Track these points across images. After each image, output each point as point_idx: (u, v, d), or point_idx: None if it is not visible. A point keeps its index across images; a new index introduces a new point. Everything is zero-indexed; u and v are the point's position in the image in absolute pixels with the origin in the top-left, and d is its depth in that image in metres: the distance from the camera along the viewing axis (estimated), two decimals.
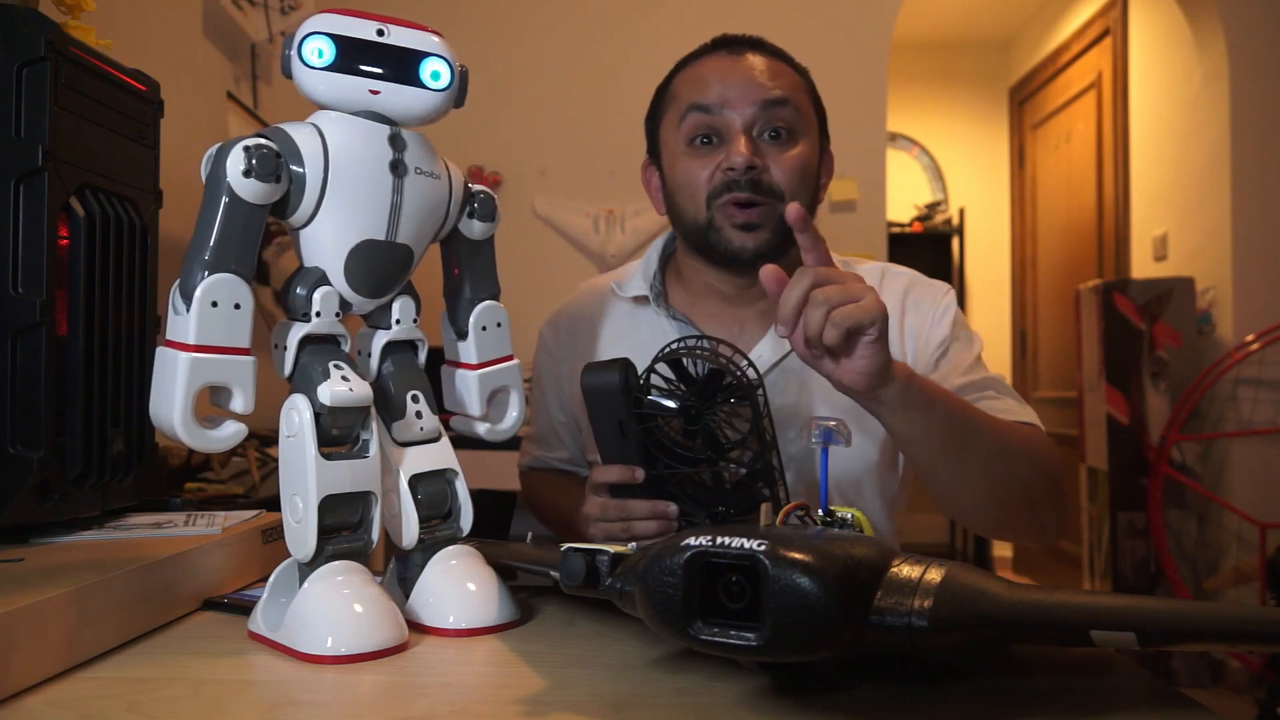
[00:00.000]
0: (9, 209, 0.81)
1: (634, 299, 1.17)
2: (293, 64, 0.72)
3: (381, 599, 0.72)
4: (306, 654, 0.69)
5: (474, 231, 0.83)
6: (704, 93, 1.06)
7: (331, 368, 0.73)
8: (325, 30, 0.71)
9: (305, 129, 0.72)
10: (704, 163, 1.06)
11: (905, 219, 5.20)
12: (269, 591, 0.75)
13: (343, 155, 0.72)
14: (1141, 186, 3.88)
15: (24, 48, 0.82)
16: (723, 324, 1.13)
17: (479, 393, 0.85)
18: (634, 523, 0.92)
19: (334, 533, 0.74)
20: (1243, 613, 0.53)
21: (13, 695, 0.60)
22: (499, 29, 3.42)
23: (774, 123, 1.05)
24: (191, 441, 0.69)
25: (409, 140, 0.75)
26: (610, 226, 3.41)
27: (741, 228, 1.06)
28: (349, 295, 0.75)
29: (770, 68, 1.08)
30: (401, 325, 0.80)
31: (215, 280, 0.68)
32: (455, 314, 0.85)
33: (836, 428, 0.73)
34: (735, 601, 0.56)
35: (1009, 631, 0.56)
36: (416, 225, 0.76)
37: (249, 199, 0.69)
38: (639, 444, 0.90)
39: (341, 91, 0.72)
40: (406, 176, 0.74)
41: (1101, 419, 3.28)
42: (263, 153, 0.69)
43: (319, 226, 0.73)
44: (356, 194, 0.73)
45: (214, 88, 2.40)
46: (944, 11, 4.88)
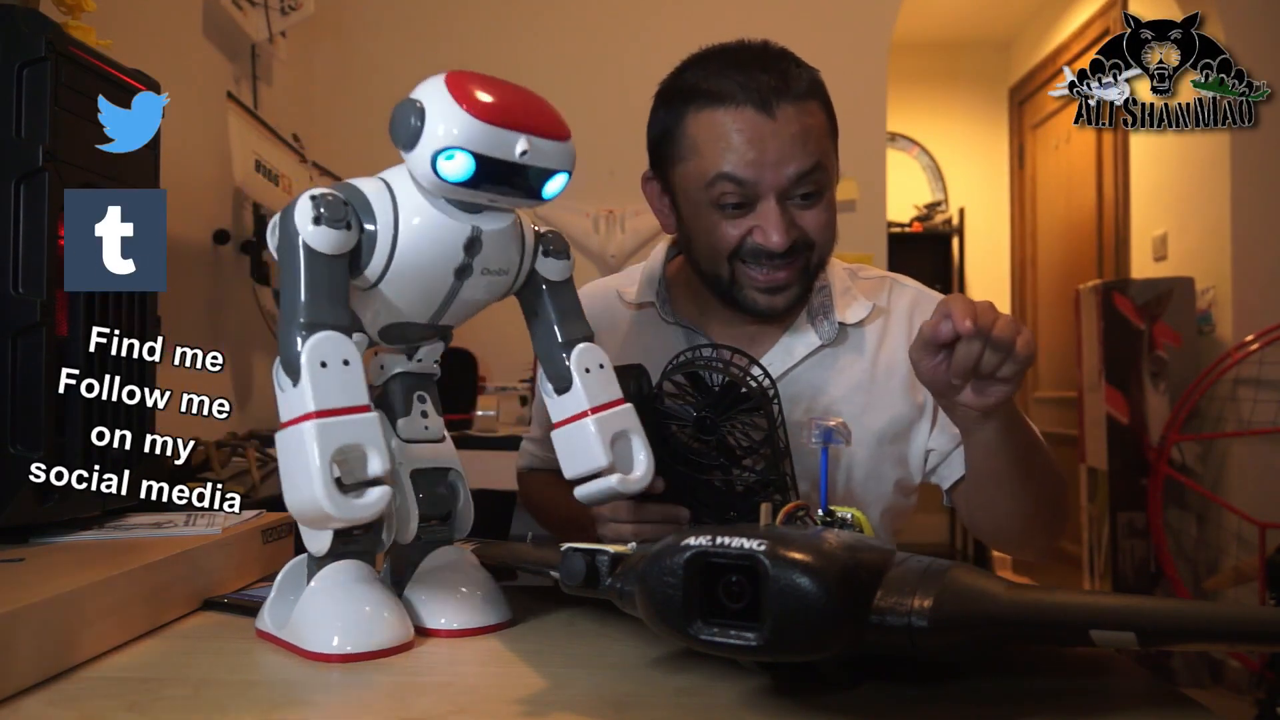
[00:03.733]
0: (9, 209, 0.81)
1: (640, 305, 1.17)
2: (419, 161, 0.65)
3: (388, 598, 0.72)
4: (312, 652, 0.69)
5: (552, 271, 0.77)
6: (734, 162, 1.00)
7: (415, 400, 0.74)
8: (468, 147, 0.64)
9: (375, 185, 0.68)
10: (732, 224, 1.03)
11: (905, 219, 5.19)
12: (277, 589, 0.75)
13: (412, 241, 0.67)
14: (1141, 186, 3.88)
15: (24, 48, 0.82)
16: (732, 334, 1.11)
17: (600, 439, 0.75)
18: (646, 526, 0.92)
19: (347, 532, 0.73)
20: (1242, 613, 0.53)
21: (13, 695, 0.60)
22: (499, 29, 3.42)
23: (805, 187, 1.02)
24: (339, 513, 0.62)
25: (488, 244, 0.69)
26: (610, 226, 3.41)
27: (769, 290, 1.05)
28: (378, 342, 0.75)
29: (802, 126, 1.01)
30: (423, 364, 0.79)
31: (318, 340, 0.63)
32: (551, 363, 0.78)
33: (837, 428, 0.73)
34: (735, 601, 0.56)
35: (1009, 631, 0.56)
36: (466, 312, 0.74)
37: (324, 250, 0.64)
38: None
39: (454, 194, 0.67)
40: (469, 278, 0.70)
41: (1101, 419, 3.28)
42: (329, 200, 0.65)
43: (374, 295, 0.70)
44: (412, 284, 0.69)
45: (214, 88, 2.40)
46: (944, 11, 4.88)
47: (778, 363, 1.08)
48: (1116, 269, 3.96)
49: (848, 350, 1.11)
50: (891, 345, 1.12)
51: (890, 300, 1.15)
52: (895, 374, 1.11)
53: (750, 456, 0.88)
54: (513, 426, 2.60)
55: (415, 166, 0.66)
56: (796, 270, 1.05)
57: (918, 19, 4.46)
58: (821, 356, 1.11)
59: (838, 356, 1.11)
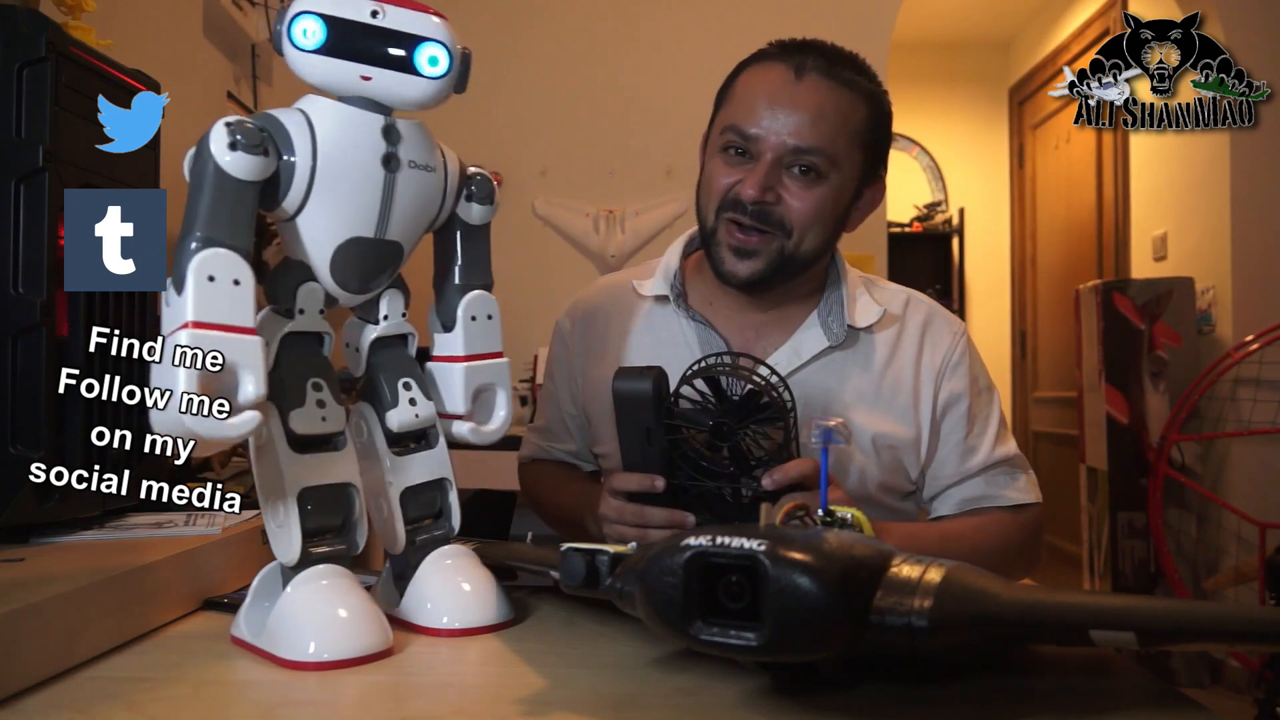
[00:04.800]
0: (9, 209, 0.81)
1: (655, 298, 1.17)
2: (283, 42, 0.67)
3: (366, 603, 0.71)
4: (288, 660, 0.67)
5: (472, 215, 0.78)
6: (746, 115, 1.04)
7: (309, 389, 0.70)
8: (316, 9, 0.67)
9: (293, 115, 0.68)
10: (729, 171, 1.06)
11: (905, 219, 5.19)
12: (252, 596, 0.74)
13: (332, 146, 0.68)
14: (1141, 186, 3.87)
15: (24, 48, 0.82)
16: (739, 327, 1.12)
17: (464, 388, 0.80)
18: (650, 530, 0.92)
19: (318, 536, 0.72)
20: (1242, 613, 0.53)
21: (13, 695, 0.60)
22: (499, 28, 3.42)
23: (803, 162, 1.03)
24: (200, 429, 0.61)
25: (404, 131, 0.71)
26: (610, 226, 3.41)
27: (736, 251, 1.05)
28: (334, 291, 0.72)
29: (821, 104, 1.03)
30: (390, 320, 0.77)
31: (209, 254, 0.63)
32: (444, 303, 0.81)
33: (837, 428, 0.73)
34: (735, 601, 0.56)
35: (1009, 631, 0.56)
36: (409, 221, 0.73)
37: (237, 174, 0.64)
38: (662, 453, 0.90)
39: (331, 76, 0.68)
40: (400, 171, 0.70)
41: (1101, 419, 3.27)
42: (246, 127, 0.65)
43: (307, 219, 0.69)
44: (345, 188, 0.69)
45: (214, 88, 2.40)
46: (944, 11, 4.88)
47: (785, 363, 1.08)
48: (1116, 269, 3.96)
49: (856, 356, 1.11)
50: (900, 361, 1.11)
51: (906, 312, 1.15)
52: (901, 390, 1.10)
53: (762, 467, 0.88)
54: (512, 427, 2.60)
55: (288, 61, 0.68)
56: (768, 245, 1.05)
57: (918, 19, 4.46)
58: (830, 360, 1.10)
59: (845, 362, 1.11)
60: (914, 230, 5.17)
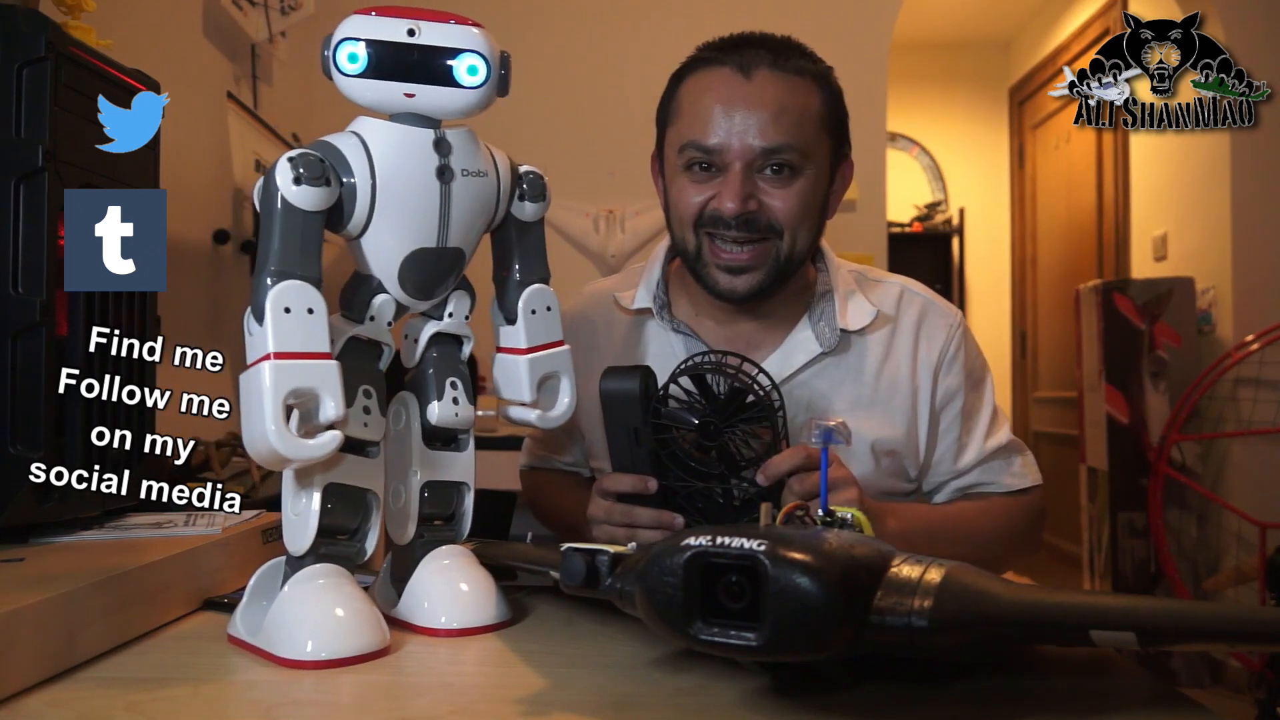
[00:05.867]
0: (9, 209, 0.81)
1: (637, 312, 1.15)
2: (330, 69, 0.71)
3: (363, 603, 0.71)
4: (285, 659, 0.68)
5: (525, 213, 0.81)
6: (703, 128, 1.01)
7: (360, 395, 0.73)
8: (357, 35, 0.70)
9: (349, 139, 0.72)
10: (698, 189, 1.02)
11: (905, 219, 5.19)
12: (249, 594, 0.74)
13: (388, 166, 0.71)
14: (1141, 186, 3.87)
15: (24, 48, 0.82)
16: (727, 338, 1.10)
17: (529, 378, 0.82)
18: (639, 530, 0.91)
19: (330, 536, 0.73)
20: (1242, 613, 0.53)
21: (13, 695, 0.60)
22: (499, 28, 3.41)
23: (774, 161, 1.00)
24: (288, 451, 0.65)
25: (454, 142, 0.74)
26: (610, 226, 3.41)
27: (729, 270, 1.03)
28: (404, 300, 0.76)
29: (778, 99, 1.00)
30: (453, 319, 0.80)
31: (283, 287, 0.66)
32: (504, 298, 0.83)
33: (837, 428, 0.73)
34: (735, 601, 0.56)
35: (1009, 631, 0.56)
36: (467, 227, 0.76)
37: (304, 206, 0.68)
38: (651, 454, 0.90)
39: (378, 96, 0.72)
40: (454, 181, 0.73)
41: (1101, 419, 3.27)
42: (308, 159, 0.68)
43: (371, 237, 0.73)
44: (405, 204, 0.72)
45: (214, 88, 2.40)
46: (944, 11, 4.88)
47: (777, 371, 1.06)
48: (1116, 269, 3.96)
49: (849, 360, 1.09)
50: (895, 361, 1.10)
51: (899, 309, 1.12)
52: (897, 391, 1.09)
53: (751, 467, 0.88)
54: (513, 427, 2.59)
55: (338, 87, 0.71)
56: (762, 254, 1.02)
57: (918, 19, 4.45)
58: (823, 365, 1.08)
59: (839, 366, 1.09)
60: (914, 230, 5.17)
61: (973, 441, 1.12)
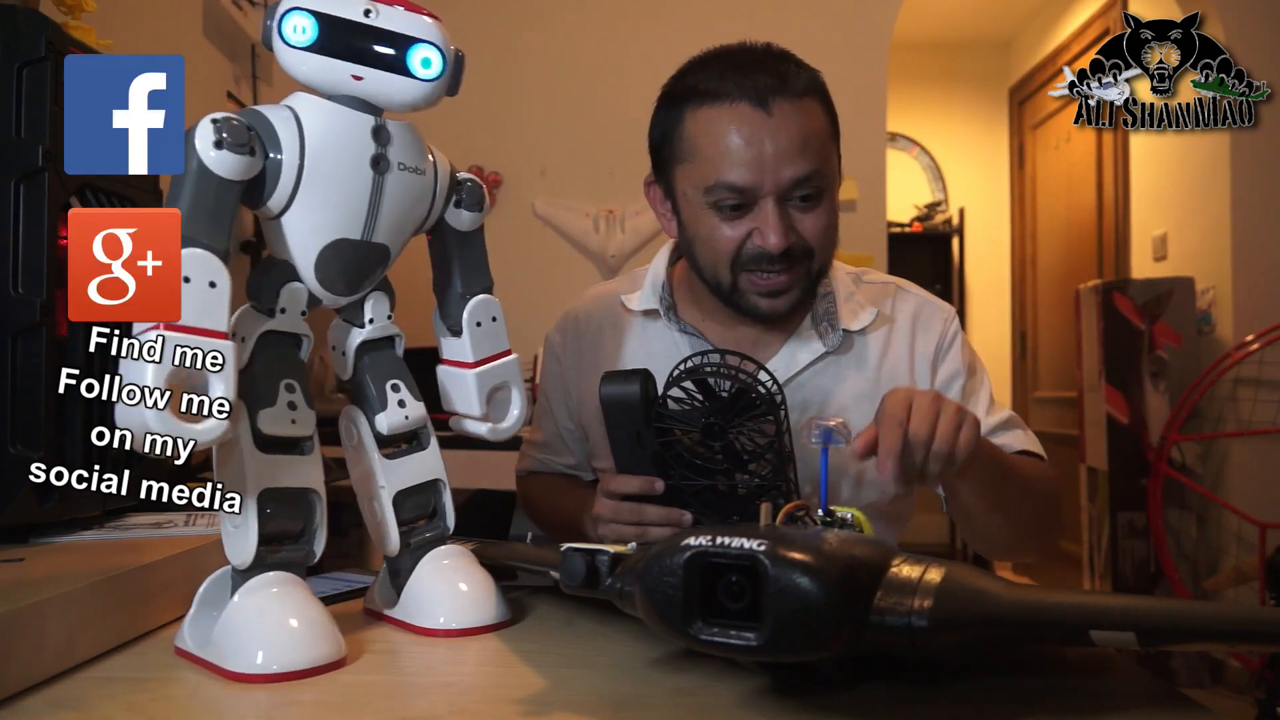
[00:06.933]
0: (9, 209, 0.81)
1: (644, 313, 1.16)
2: (273, 38, 0.66)
3: (318, 612, 0.68)
4: (234, 672, 0.65)
5: (462, 222, 0.78)
6: (733, 169, 1.00)
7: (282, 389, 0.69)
8: (308, 6, 0.66)
9: (281, 112, 0.68)
10: (731, 227, 1.02)
11: (905, 219, 5.19)
12: (196, 605, 0.70)
13: (320, 145, 0.67)
14: (1141, 186, 3.87)
15: (24, 48, 0.82)
16: (733, 340, 1.11)
17: (478, 391, 0.80)
18: (648, 529, 0.92)
19: (275, 543, 0.69)
20: (1242, 613, 0.53)
21: (13, 695, 0.60)
22: (499, 28, 3.42)
23: (804, 190, 1.01)
24: (164, 430, 0.60)
25: (395, 133, 0.70)
26: (610, 226, 3.41)
27: (769, 295, 1.04)
28: (318, 292, 0.71)
29: (801, 128, 1.00)
30: (375, 324, 0.77)
31: (186, 254, 0.62)
32: (447, 310, 0.81)
33: (836, 428, 0.73)
34: (735, 601, 0.56)
35: (1009, 631, 0.56)
36: (396, 224, 0.72)
37: (221, 173, 0.64)
38: (654, 455, 0.90)
39: (322, 74, 0.67)
40: (389, 173, 0.69)
41: (1101, 419, 3.27)
42: (232, 124, 0.64)
43: (292, 219, 0.69)
44: (333, 189, 0.68)
45: (214, 88, 2.40)
46: (944, 11, 4.88)
47: (782, 370, 1.08)
48: (1116, 269, 3.96)
49: (852, 359, 1.11)
50: (894, 356, 1.12)
51: (894, 308, 1.15)
52: (897, 382, 1.10)
53: (755, 462, 0.88)
54: None
55: (279, 59, 0.67)
56: (797, 275, 1.04)
57: (918, 19, 4.45)
58: (826, 364, 1.10)
59: (842, 364, 1.11)
60: (914, 230, 5.17)
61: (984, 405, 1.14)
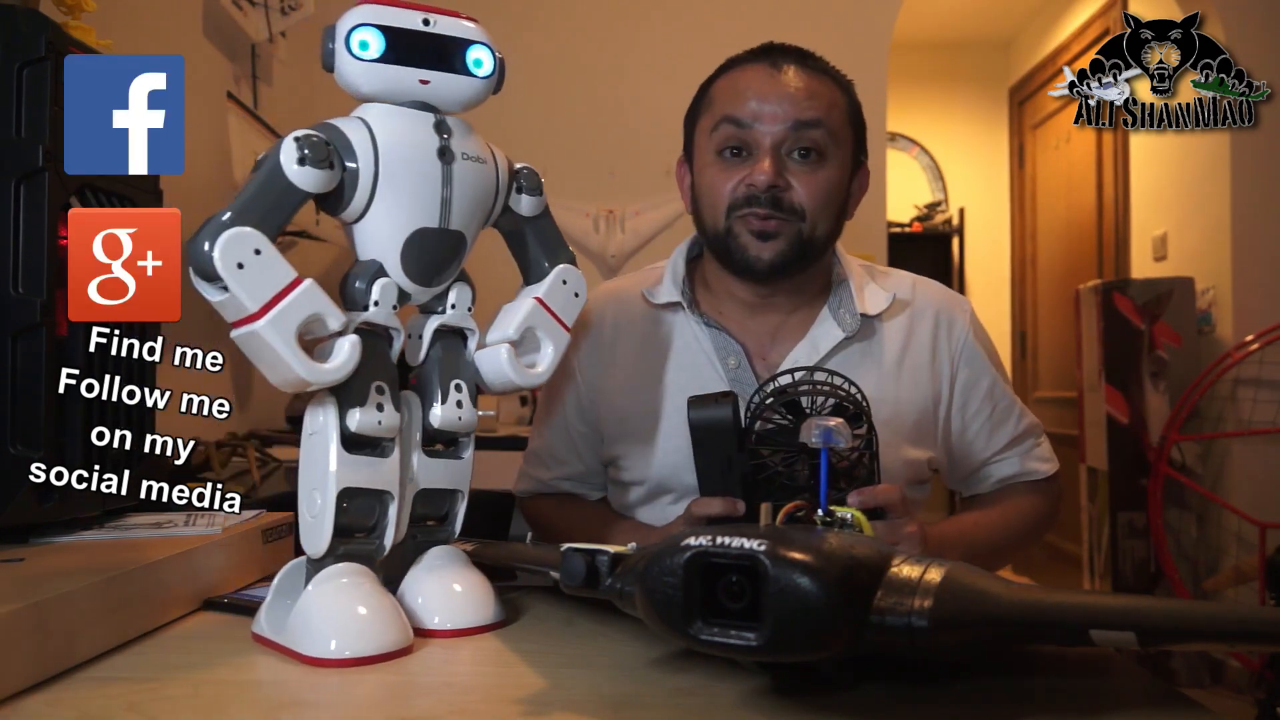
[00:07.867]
0: (9, 209, 0.81)
1: (664, 305, 1.16)
2: (337, 57, 0.72)
3: (387, 601, 0.72)
4: (309, 656, 0.68)
5: (522, 207, 0.83)
6: (738, 105, 1.07)
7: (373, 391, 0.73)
8: (373, 22, 0.72)
9: (353, 123, 0.73)
10: (729, 175, 1.07)
11: (905, 219, 5.19)
12: (273, 593, 0.75)
13: (392, 147, 0.73)
14: (1141, 186, 3.87)
15: (24, 48, 0.82)
16: (753, 331, 1.13)
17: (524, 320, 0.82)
18: None
19: (348, 534, 0.74)
20: (1242, 613, 0.53)
21: (13, 695, 0.60)
22: (498, 28, 3.41)
23: (803, 142, 1.05)
24: (317, 378, 0.69)
25: (454, 127, 0.76)
26: (610, 226, 3.41)
27: (758, 235, 1.06)
28: (406, 285, 0.76)
29: (809, 86, 1.07)
30: (456, 311, 0.80)
31: (224, 242, 0.66)
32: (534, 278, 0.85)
33: (837, 428, 0.73)
34: (735, 601, 0.56)
35: (1009, 631, 0.56)
36: (468, 210, 0.77)
37: (304, 187, 0.69)
38: (743, 477, 0.90)
39: (390, 83, 0.73)
40: (455, 163, 0.75)
41: (1101, 419, 3.28)
42: (313, 140, 0.69)
43: (373, 219, 0.74)
44: (408, 184, 0.73)
45: (214, 88, 2.40)
46: (944, 11, 4.88)
47: (804, 359, 1.09)
48: (1116, 269, 3.96)
49: (872, 345, 1.13)
50: (917, 344, 1.13)
51: (915, 294, 1.16)
52: (920, 373, 1.12)
53: (843, 477, 0.88)
54: (513, 427, 2.60)
55: (343, 75, 0.73)
56: (787, 228, 1.06)
57: (918, 19, 4.46)
58: (847, 352, 1.11)
59: (862, 351, 1.12)
60: (914, 230, 5.17)
61: (1010, 419, 1.17)
